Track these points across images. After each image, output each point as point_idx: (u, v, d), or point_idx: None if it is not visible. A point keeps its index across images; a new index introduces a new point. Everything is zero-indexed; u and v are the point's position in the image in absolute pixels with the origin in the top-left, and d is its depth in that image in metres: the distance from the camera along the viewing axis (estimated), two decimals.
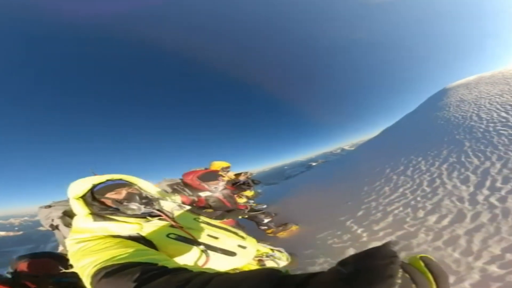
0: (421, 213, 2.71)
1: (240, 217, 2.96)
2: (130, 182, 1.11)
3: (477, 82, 9.45)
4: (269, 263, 1.48)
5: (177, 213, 1.18)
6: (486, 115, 5.50)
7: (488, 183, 2.80)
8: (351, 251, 2.51)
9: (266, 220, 3.56)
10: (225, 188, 2.48)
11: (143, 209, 0.98)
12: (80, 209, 0.90)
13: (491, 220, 2.14)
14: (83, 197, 0.96)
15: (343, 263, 0.34)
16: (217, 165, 3.44)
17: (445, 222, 2.36)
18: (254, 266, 1.33)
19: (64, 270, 0.88)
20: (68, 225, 1.14)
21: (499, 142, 3.82)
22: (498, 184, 2.69)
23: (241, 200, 3.65)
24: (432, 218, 2.51)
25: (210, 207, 2.24)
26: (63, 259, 1.22)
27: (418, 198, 3.13)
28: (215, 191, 2.31)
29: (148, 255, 0.72)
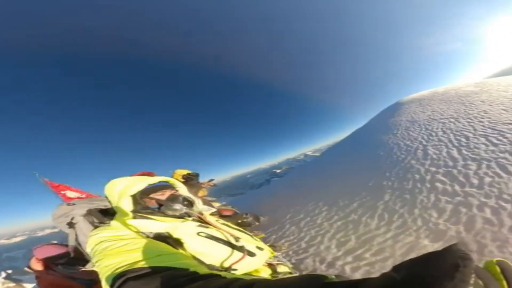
0: None
1: (239, 221, 3.25)
2: (172, 185, 1.18)
3: (430, 99, 8.95)
4: (280, 268, 1.40)
5: (205, 213, 1.22)
6: (434, 151, 4.35)
7: (360, 251, 2.74)
8: None
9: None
10: None
11: (184, 209, 1.04)
12: (129, 207, 0.96)
13: None
14: (133, 196, 1.01)
15: (397, 268, 0.29)
16: (179, 173, 3.38)
17: None
18: (266, 269, 1.25)
19: (83, 269, 1.03)
20: (92, 223, 1.16)
21: (423, 201, 3.18)
22: (367, 255, 2.63)
23: (216, 204, 3.58)
24: None
25: None
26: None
27: (290, 252, 3.35)
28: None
29: (178, 260, 0.69)
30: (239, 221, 3.47)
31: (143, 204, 1.01)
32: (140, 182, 1.04)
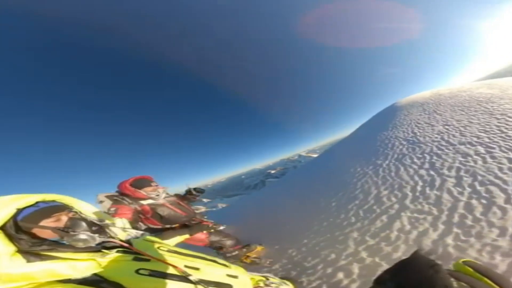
0: None
1: (205, 231, 2.87)
2: (66, 205, 0.86)
3: (437, 103, 6.75)
4: None
5: (135, 241, 0.92)
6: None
7: None
8: None
9: (231, 247, 3.02)
10: (169, 196, 2.37)
11: (97, 239, 0.77)
12: (5, 247, 0.63)
13: None
14: (3, 229, 0.68)
15: (379, 281, 0.33)
16: None
17: None
18: None
19: None
20: None
21: None
22: None
23: (202, 209, 3.48)
24: None
25: (161, 218, 2.13)
26: None
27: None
28: (157, 198, 2.18)
29: None
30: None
31: (30, 238, 0.69)
32: (4, 208, 0.68)
